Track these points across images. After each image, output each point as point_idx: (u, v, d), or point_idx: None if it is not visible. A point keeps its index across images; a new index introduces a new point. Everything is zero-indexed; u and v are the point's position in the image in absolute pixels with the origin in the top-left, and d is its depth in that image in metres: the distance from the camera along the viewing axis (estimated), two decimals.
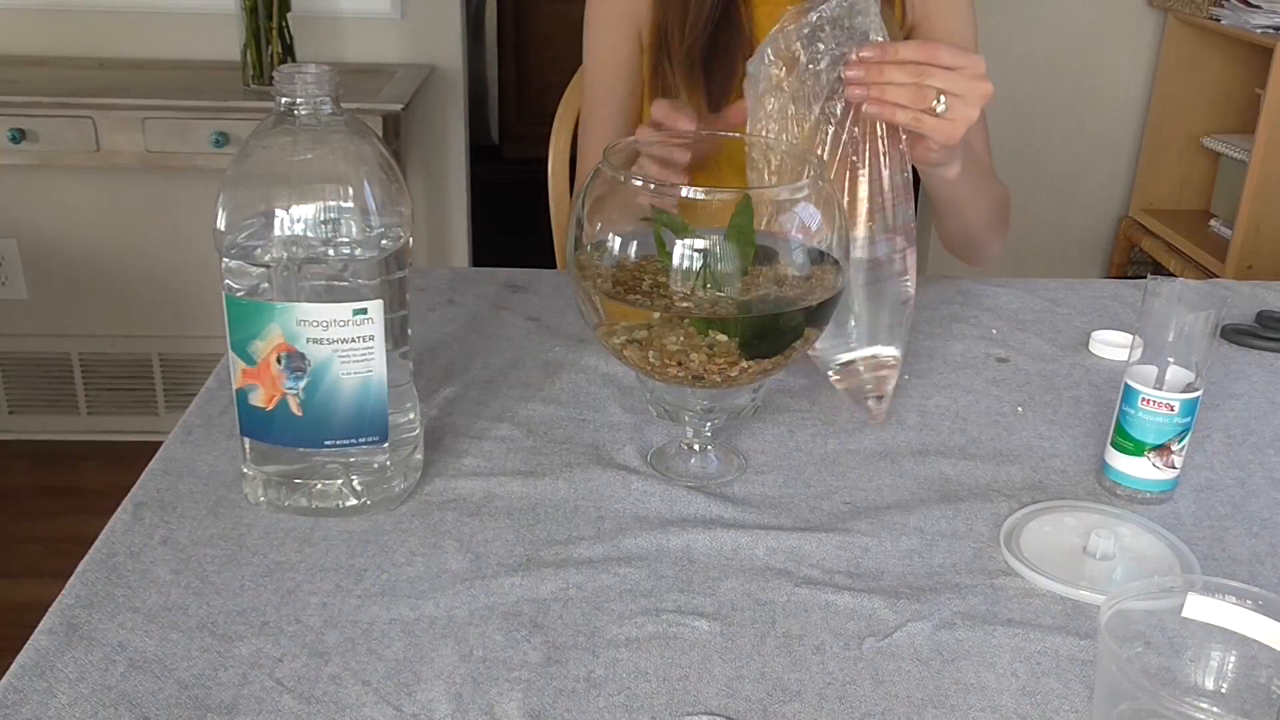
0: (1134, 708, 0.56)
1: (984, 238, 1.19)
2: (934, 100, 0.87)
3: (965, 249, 1.22)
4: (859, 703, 0.63)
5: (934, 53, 0.87)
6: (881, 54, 0.88)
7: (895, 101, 0.88)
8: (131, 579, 0.70)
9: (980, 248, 1.21)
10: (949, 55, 0.88)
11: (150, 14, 2.27)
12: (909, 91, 0.88)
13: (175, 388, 2.50)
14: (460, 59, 2.37)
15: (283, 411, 0.74)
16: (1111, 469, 0.84)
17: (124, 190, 2.38)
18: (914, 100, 0.88)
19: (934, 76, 0.87)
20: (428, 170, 2.45)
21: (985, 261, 1.24)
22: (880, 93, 0.88)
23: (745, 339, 0.76)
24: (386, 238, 0.74)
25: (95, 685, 0.61)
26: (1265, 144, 2.09)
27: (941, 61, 0.87)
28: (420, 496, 0.80)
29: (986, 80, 0.88)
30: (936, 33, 1.17)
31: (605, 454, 0.86)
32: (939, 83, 0.87)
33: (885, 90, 0.87)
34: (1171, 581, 0.65)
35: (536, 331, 1.07)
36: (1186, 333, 0.79)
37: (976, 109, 0.89)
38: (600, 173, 0.78)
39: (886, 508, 0.81)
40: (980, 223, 1.16)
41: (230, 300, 0.73)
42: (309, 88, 0.71)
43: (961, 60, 0.88)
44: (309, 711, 0.60)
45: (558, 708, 0.61)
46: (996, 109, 1.03)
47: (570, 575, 0.72)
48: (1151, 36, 2.53)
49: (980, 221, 1.16)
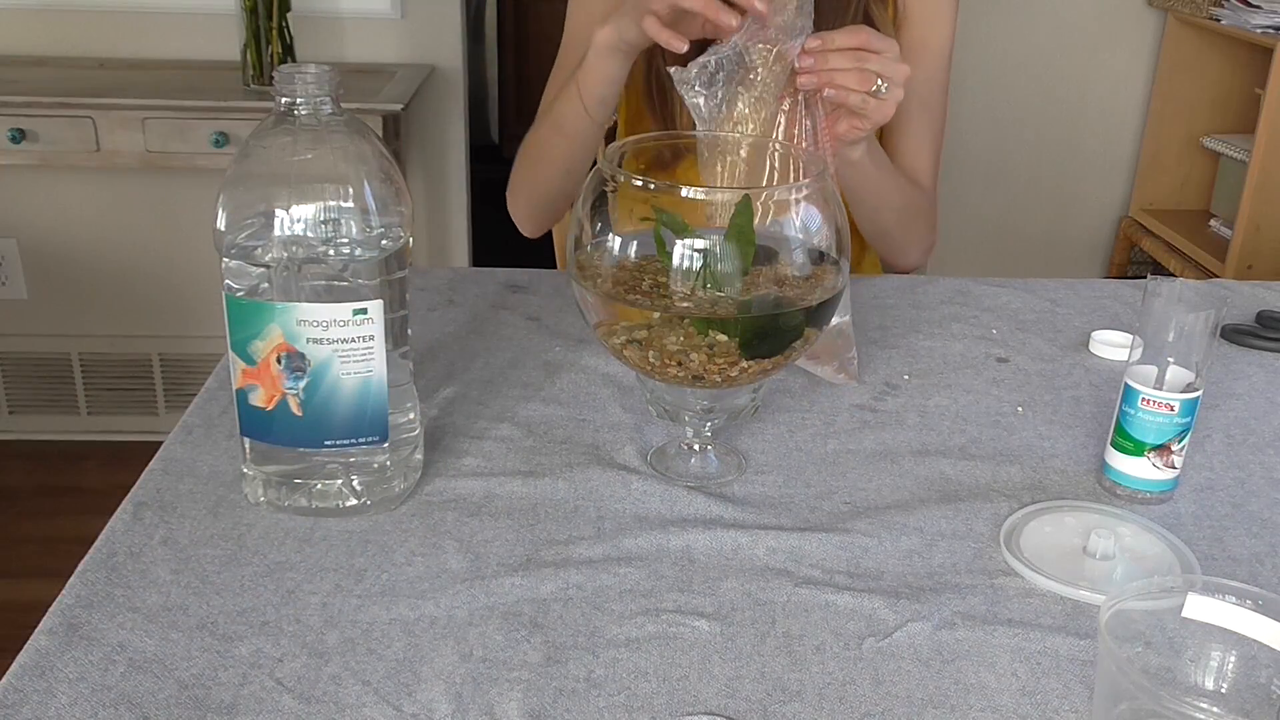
0: (1134, 708, 0.56)
1: (895, 236, 1.21)
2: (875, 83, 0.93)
3: (881, 246, 1.24)
4: (859, 703, 0.63)
5: (866, 38, 0.93)
6: (824, 43, 0.92)
7: (846, 85, 0.92)
8: (131, 579, 0.70)
9: (894, 247, 1.23)
10: (876, 40, 0.93)
11: (150, 14, 2.27)
12: (855, 76, 0.92)
13: (175, 388, 2.50)
14: (460, 59, 2.37)
15: (283, 411, 0.74)
16: (1111, 469, 0.84)
17: (124, 190, 2.38)
18: (860, 84, 0.93)
19: (871, 60, 0.92)
20: (428, 170, 2.45)
21: (905, 266, 1.26)
22: (830, 79, 0.92)
23: (745, 339, 0.76)
24: (386, 238, 0.74)
25: (95, 685, 0.61)
26: (1265, 144, 2.09)
27: (873, 46, 0.93)
28: (420, 496, 0.80)
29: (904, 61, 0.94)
30: (913, 32, 1.18)
31: (605, 454, 0.86)
32: (876, 66, 0.92)
33: (834, 76, 0.92)
34: (1171, 581, 0.65)
35: (536, 331, 1.07)
36: (1186, 333, 0.79)
37: (902, 89, 0.94)
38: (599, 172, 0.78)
39: (886, 508, 0.81)
40: (889, 219, 1.18)
41: (230, 300, 0.73)
42: (309, 88, 0.71)
43: (884, 44, 0.93)
44: (309, 711, 0.60)
45: (558, 708, 0.61)
46: (996, 109, 1.05)
47: (570, 575, 0.72)
48: (1151, 36, 2.53)
49: (889, 218, 1.18)
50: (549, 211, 1.20)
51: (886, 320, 1.12)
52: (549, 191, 1.17)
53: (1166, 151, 2.53)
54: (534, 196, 1.18)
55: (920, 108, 1.20)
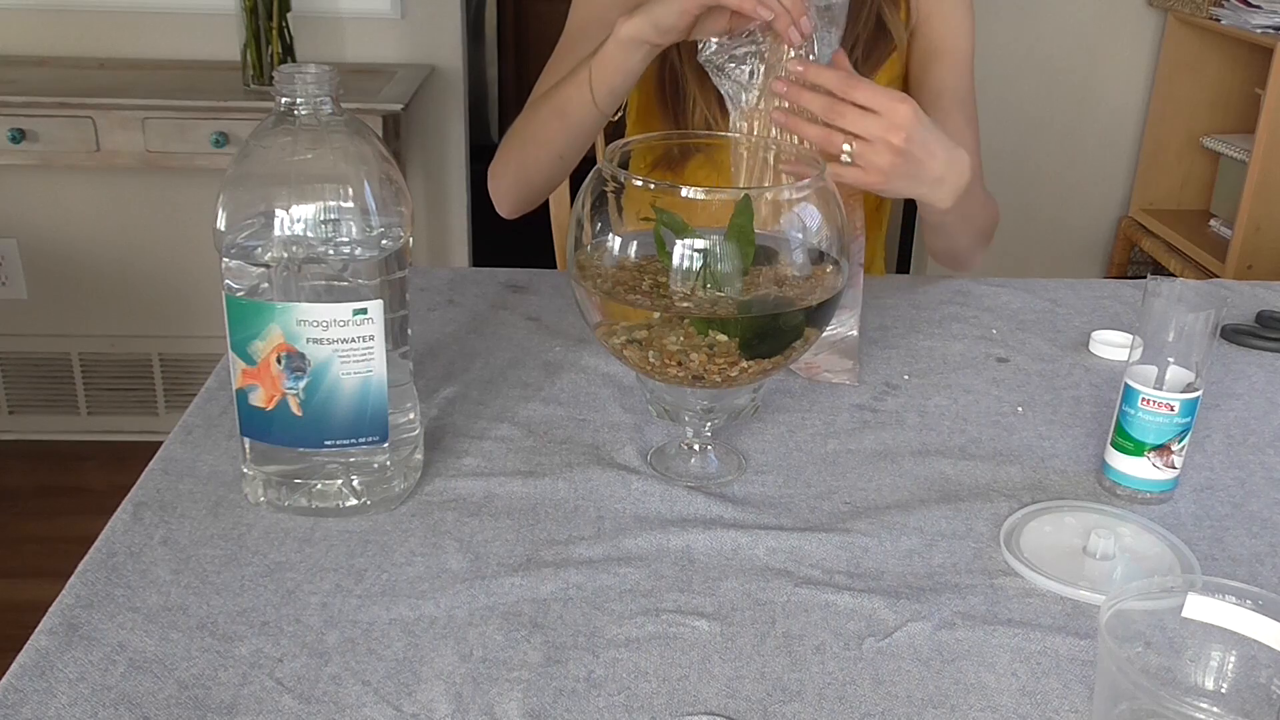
0: (1134, 708, 0.56)
1: (968, 254, 1.21)
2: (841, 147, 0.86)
3: (949, 260, 1.23)
4: (859, 703, 0.63)
5: (850, 88, 0.85)
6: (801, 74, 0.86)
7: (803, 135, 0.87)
8: (131, 579, 0.70)
9: (964, 261, 1.23)
10: (867, 94, 0.85)
11: (150, 14, 2.27)
12: (817, 132, 0.86)
13: (175, 388, 2.50)
14: (460, 59, 2.37)
15: (283, 411, 0.74)
16: (1111, 469, 0.84)
17: (124, 190, 2.38)
18: (821, 142, 0.87)
19: (845, 117, 0.85)
20: (428, 170, 2.45)
21: (968, 270, 1.25)
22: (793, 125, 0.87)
23: (745, 339, 0.76)
24: (386, 238, 0.74)
25: (95, 685, 0.61)
26: (1265, 144, 2.09)
27: (856, 99, 0.85)
28: (420, 496, 0.80)
29: (901, 130, 0.86)
30: (934, 34, 1.17)
31: (605, 454, 0.86)
32: (850, 125, 0.85)
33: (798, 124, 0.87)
34: (1171, 581, 0.65)
35: (536, 331, 1.07)
36: (1186, 333, 0.79)
37: (887, 160, 0.87)
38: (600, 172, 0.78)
39: (886, 508, 0.81)
40: (965, 244, 1.17)
41: (230, 300, 0.73)
42: (309, 88, 0.71)
43: (880, 104, 0.85)
44: (309, 711, 0.60)
45: (558, 708, 0.61)
46: (997, 108, 1.03)
47: (570, 575, 0.72)
48: (1151, 36, 2.53)
49: (965, 243, 1.17)
50: (532, 194, 1.18)
51: (886, 320, 1.12)
52: (538, 175, 1.15)
53: (1166, 151, 2.53)
54: (521, 178, 1.16)
55: (955, 107, 1.16)
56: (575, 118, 1.06)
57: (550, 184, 1.16)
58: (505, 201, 1.19)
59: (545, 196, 1.19)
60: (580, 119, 1.05)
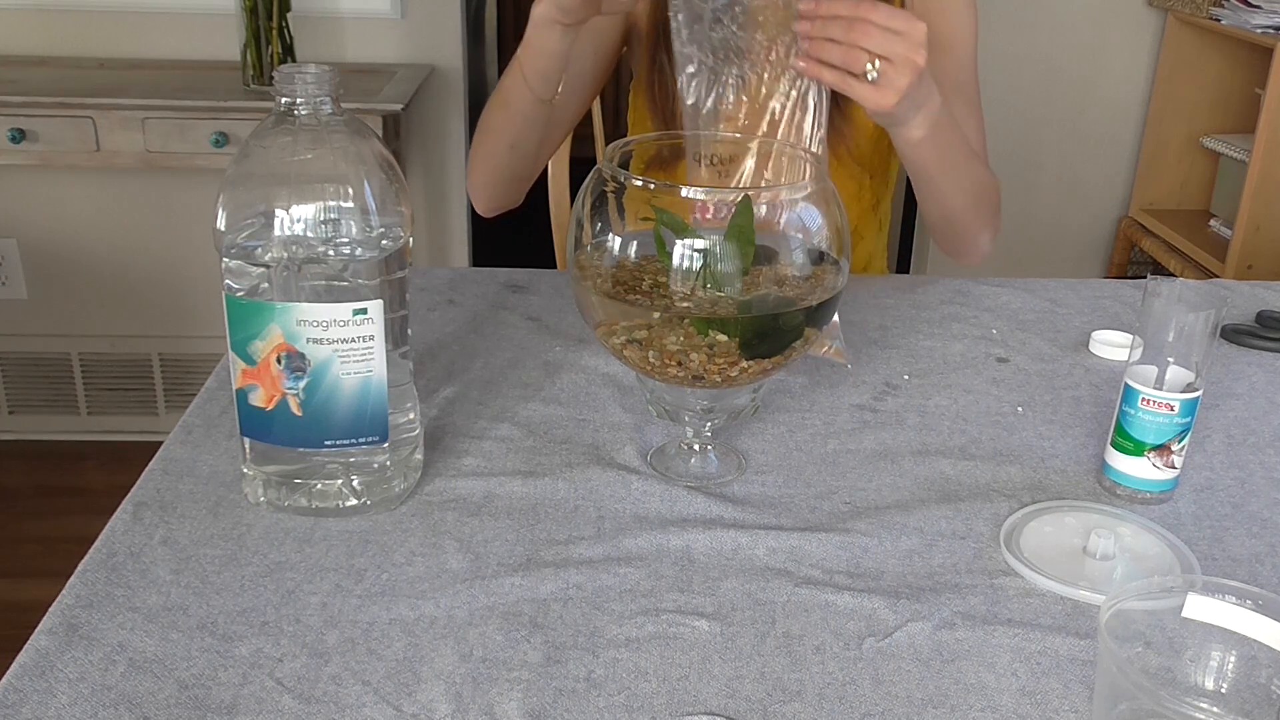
0: (1134, 708, 0.56)
1: (965, 222, 1.13)
2: (866, 65, 0.85)
3: (947, 235, 1.17)
4: (859, 703, 0.63)
5: (867, 9, 0.85)
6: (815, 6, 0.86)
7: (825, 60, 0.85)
8: (131, 579, 0.70)
9: (963, 235, 1.15)
10: (885, 15, 0.85)
11: (150, 14, 2.27)
12: (840, 52, 0.85)
13: (175, 388, 2.50)
14: (460, 59, 2.37)
15: (283, 411, 0.74)
16: (1111, 469, 0.84)
17: (124, 190, 2.38)
18: (845, 62, 0.86)
19: (869, 37, 0.85)
20: (428, 170, 2.45)
21: (974, 256, 1.19)
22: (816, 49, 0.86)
23: (745, 339, 0.76)
24: (386, 238, 0.74)
25: (95, 685, 0.61)
26: (1265, 144, 2.09)
27: (877, 20, 0.85)
28: (420, 496, 0.80)
29: (923, 49, 0.86)
30: (932, 25, 1.17)
31: (605, 454, 0.86)
32: (873, 45, 0.85)
33: (821, 47, 0.85)
34: (1171, 581, 0.65)
35: (536, 331, 1.07)
36: (1186, 333, 0.79)
37: (909, 78, 0.86)
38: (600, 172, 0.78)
39: (886, 508, 0.81)
40: (959, 203, 1.10)
41: (230, 300, 0.73)
42: (309, 88, 0.71)
43: (900, 24, 0.85)
44: (309, 711, 0.60)
45: (558, 708, 0.61)
46: (997, 109, 1.03)
47: (570, 575, 0.72)
48: (1151, 36, 2.53)
49: (958, 201, 1.10)
50: (500, 189, 1.18)
51: (886, 320, 1.12)
52: (497, 166, 1.15)
53: (1166, 151, 2.53)
54: (484, 171, 1.17)
55: (955, 95, 1.13)
56: (516, 106, 1.07)
57: (513, 177, 1.16)
58: (478, 197, 1.20)
59: (515, 192, 1.19)
60: (520, 107, 1.07)
